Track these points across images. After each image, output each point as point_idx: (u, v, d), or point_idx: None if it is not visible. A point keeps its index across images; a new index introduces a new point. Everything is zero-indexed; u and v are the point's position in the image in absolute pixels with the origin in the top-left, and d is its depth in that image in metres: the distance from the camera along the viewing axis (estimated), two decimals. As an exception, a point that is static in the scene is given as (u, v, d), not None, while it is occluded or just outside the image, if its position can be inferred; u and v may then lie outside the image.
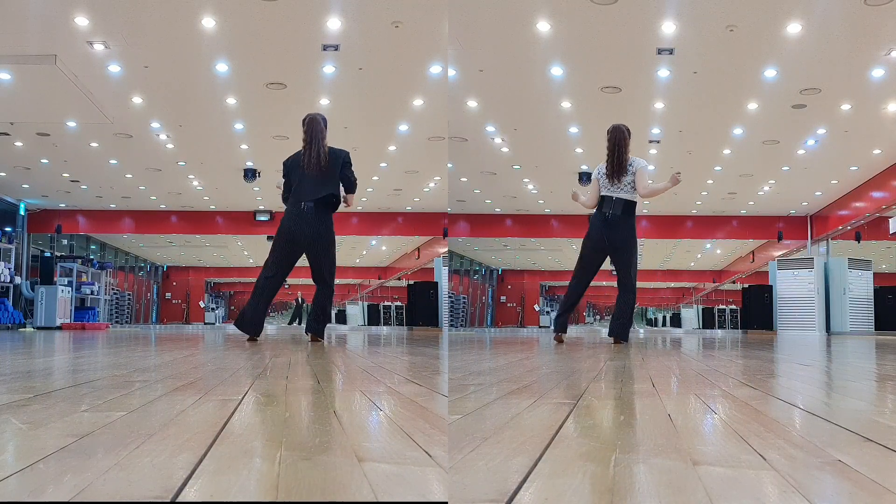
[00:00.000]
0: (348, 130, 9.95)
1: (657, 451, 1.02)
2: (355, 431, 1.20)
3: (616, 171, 5.48)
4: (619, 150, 5.49)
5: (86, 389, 1.80)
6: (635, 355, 3.84)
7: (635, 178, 5.47)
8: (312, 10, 6.56)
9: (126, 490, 0.79)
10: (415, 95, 8.66)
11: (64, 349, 4.30)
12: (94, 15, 6.59)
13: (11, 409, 1.43)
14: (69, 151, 11.14)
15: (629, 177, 5.47)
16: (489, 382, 2.11)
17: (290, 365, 2.78)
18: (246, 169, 11.99)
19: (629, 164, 5.49)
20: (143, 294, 18.55)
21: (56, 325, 12.67)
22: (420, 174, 12.42)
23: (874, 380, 2.46)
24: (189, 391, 1.78)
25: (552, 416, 1.38)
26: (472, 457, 0.98)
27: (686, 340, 7.68)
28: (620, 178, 5.47)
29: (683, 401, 1.71)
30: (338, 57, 7.49)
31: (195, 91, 8.59)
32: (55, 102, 8.71)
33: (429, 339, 6.78)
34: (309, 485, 0.83)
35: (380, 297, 17.76)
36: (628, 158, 5.51)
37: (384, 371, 2.56)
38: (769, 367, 3.11)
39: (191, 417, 1.33)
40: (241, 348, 4.35)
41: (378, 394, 1.79)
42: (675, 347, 5.42)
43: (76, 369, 2.57)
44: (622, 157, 5.48)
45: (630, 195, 5.52)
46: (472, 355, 3.83)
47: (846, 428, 1.28)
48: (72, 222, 15.56)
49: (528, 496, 0.79)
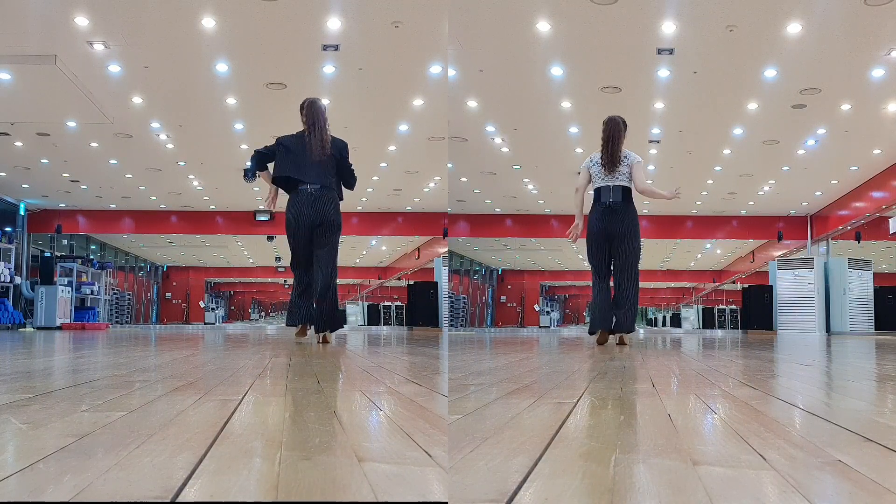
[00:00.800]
0: (348, 130, 9.92)
1: (657, 451, 1.02)
2: (355, 431, 1.20)
3: (610, 161, 5.45)
4: (613, 142, 5.48)
5: (86, 389, 1.80)
6: (635, 355, 3.84)
7: (632, 171, 5.45)
8: (312, 10, 6.56)
9: (126, 490, 0.79)
10: (415, 95, 8.66)
11: (64, 349, 4.30)
12: (94, 15, 6.59)
13: (11, 409, 1.43)
14: (69, 151, 11.14)
15: (624, 167, 5.46)
16: (489, 382, 2.11)
17: (290, 365, 2.78)
18: (246, 169, 11.94)
19: (624, 156, 5.48)
20: (143, 294, 18.55)
21: (56, 326, 12.67)
22: (420, 174, 12.42)
23: (874, 380, 2.46)
24: (189, 391, 1.78)
25: (552, 416, 1.38)
26: (472, 457, 0.98)
27: (686, 340, 7.67)
28: (615, 170, 5.45)
29: (683, 401, 1.71)
30: (338, 57, 7.49)
31: (195, 91, 8.59)
32: (55, 102, 8.71)
33: (429, 339, 6.77)
34: (309, 485, 0.83)
35: (380, 297, 17.76)
36: (622, 150, 5.51)
37: (384, 371, 2.56)
38: (769, 367, 3.11)
39: (191, 417, 1.33)
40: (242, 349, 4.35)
41: (378, 394, 1.79)
42: (675, 347, 5.42)
43: (76, 369, 2.57)
44: (616, 148, 5.47)
45: (625, 183, 5.48)
46: (472, 355, 3.83)
47: (846, 428, 1.28)
48: (72, 222, 15.56)
49: (528, 496, 0.79)
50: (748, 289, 14.76)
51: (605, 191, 5.46)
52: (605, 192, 5.46)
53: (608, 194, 5.44)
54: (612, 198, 5.43)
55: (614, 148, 5.46)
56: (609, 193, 5.44)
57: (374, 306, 17.07)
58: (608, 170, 5.45)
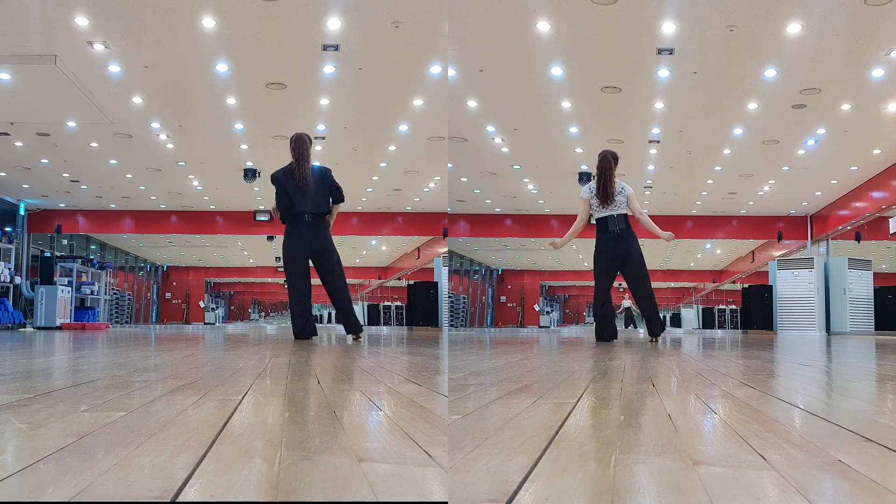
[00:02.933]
0: (348, 130, 9.96)
1: (657, 451, 1.02)
2: (355, 431, 1.20)
3: (604, 196, 6.13)
4: (605, 177, 6.14)
5: (86, 389, 1.80)
6: (635, 355, 3.84)
7: (629, 203, 6.15)
8: (312, 10, 6.56)
9: (126, 490, 0.79)
10: (415, 95, 8.65)
11: (64, 349, 4.30)
12: (94, 15, 6.59)
13: (11, 409, 1.43)
14: (69, 151, 11.13)
15: (621, 198, 6.14)
16: (489, 382, 2.11)
17: (290, 365, 2.78)
18: (246, 169, 11.99)
19: (620, 189, 6.15)
20: (143, 294, 18.55)
21: (56, 326, 12.67)
22: (420, 174, 12.42)
23: (874, 380, 2.46)
24: (189, 391, 1.78)
25: (552, 416, 1.38)
26: (472, 457, 0.98)
27: (686, 340, 7.68)
28: (611, 201, 6.13)
29: (683, 401, 1.71)
30: (338, 57, 7.49)
31: (195, 91, 8.59)
32: (55, 102, 8.71)
33: (429, 339, 6.78)
34: (309, 485, 0.83)
35: (380, 297, 17.76)
36: (615, 183, 6.16)
37: (384, 371, 2.56)
38: (769, 367, 3.11)
39: (191, 417, 1.33)
40: (242, 348, 4.35)
41: (378, 394, 1.79)
42: (675, 347, 5.43)
43: (76, 369, 2.57)
44: (608, 183, 6.13)
45: (625, 211, 6.17)
46: (472, 355, 3.83)
47: (846, 428, 1.28)
48: (72, 222, 15.56)
49: (528, 496, 0.79)
50: (748, 289, 14.76)
51: (611, 220, 6.14)
52: (611, 222, 6.14)
53: (614, 223, 6.13)
54: (618, 226, 6.13)
55: (606, 183, 6.14)
56: (615, 222, 6.13)
57: (374, 306, 17.07)
58: (604, 202, 6.14)
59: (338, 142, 10.21)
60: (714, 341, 7.55)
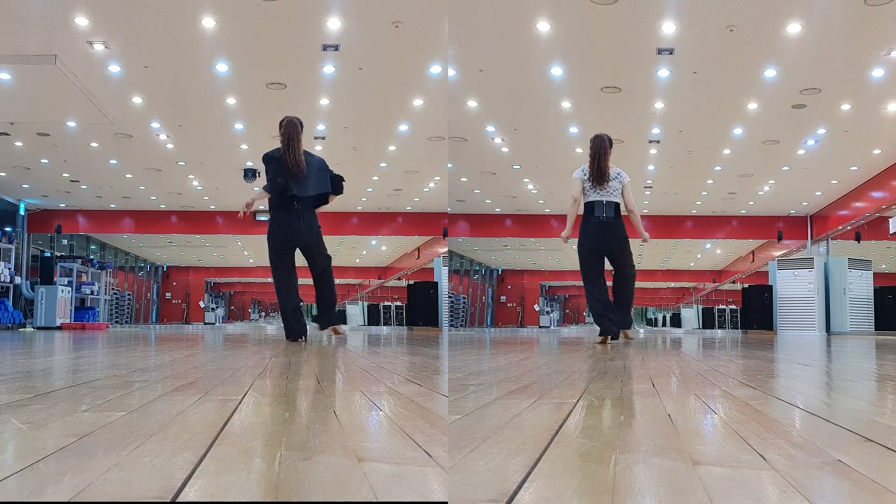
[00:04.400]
0: (348, 130, 9.96)
1: (657, 451, 1.02)
2: (355, 431, 1.20)
3: (599, 176, 5.74)
4: (600, 159, 5.75)
5: (86, 389, 1.80)
6: (635, 355, 3.84)
7: (624, 192, 5.77)
8: (312, 10, 6.56)
9: (126, 490, 0.79)
10: (415, 95, 8.66)
11: (64, 349, 4.30)
12: (94, 15, 6.59)
13: (11, 409, 1.43)
14: (69, 151, 11.13)
15: (614, 183, 5.75)
16: (489, 382, 2.11)
17: (290, 365, 2.78)
18: (246, 169, 11.99)
19: (616, 174, 5.77)
20: (143, 294, 18.54)
21: (56, 326, 12.67)
22: (420, 174, 12.42)
23: (874, 380, 2.46)
24: (189, 391, 1.78)
25: (552, 416, 1.38)
26: (472, 457, 0.98)
27: (686, 340, 7.67)
28: (605, 185, 5.74)
29: (683, 401, 1.71)
30: (338, 57, 7.49)
31: (195, 91, 8.59)
32: (55, 102, 8.71)
33: (429, 339, 6.78)
34: (309, 485, 0.83)
35: (380, 297, 17.75)
36: (610, 166, 5.78)
37: (384, 371, 2.56)
38: (769, 367, 3.11)
39: (191, 417, 1.33)
40: (242, 349, 4.35)
41: (378, 394, 1.79)
42: (675, 347, 5.42)
43: (76, 369, 2.57)
44: (603, 165, 5.74)
45: (617, 199, 5.78)
46: (472, 355, 3.83)
47: (846, 428, 1.28)
48: (72, 222, 15.55)
49: (528, 496, 0.79)
50: (748, 289, 14.76)
51: (599, 206, 5.73)
52: (598, 207, 5.74)
53: (601, 210, 5.73)
54: (605, 213, 5.72)
55: (601, 164, 5.73)
56: (602, 209, 5.73)
57: (374, 306, 17.07)
58: (598, 185, 5.73)
59: (338, 142, 10.21)
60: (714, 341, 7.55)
